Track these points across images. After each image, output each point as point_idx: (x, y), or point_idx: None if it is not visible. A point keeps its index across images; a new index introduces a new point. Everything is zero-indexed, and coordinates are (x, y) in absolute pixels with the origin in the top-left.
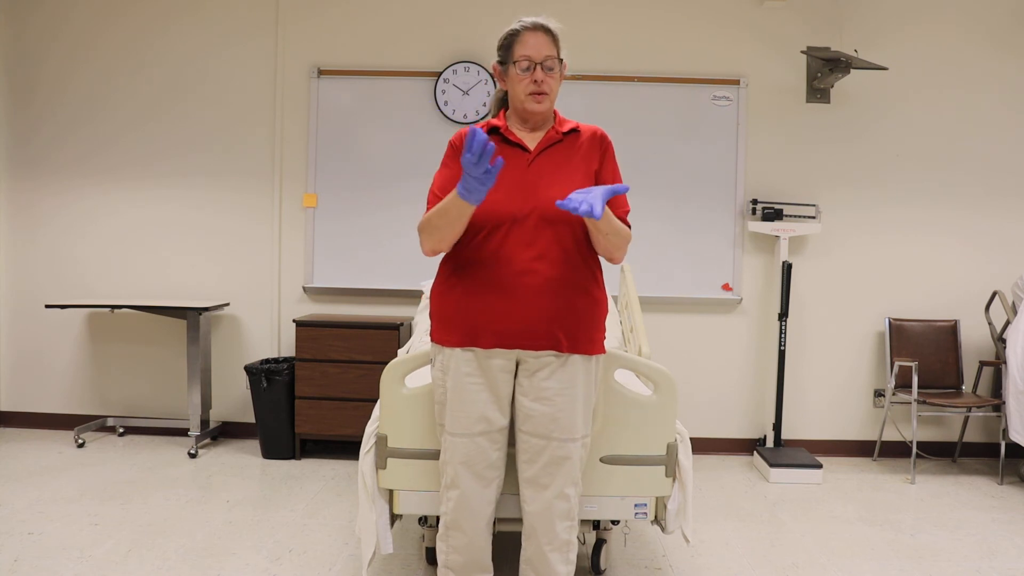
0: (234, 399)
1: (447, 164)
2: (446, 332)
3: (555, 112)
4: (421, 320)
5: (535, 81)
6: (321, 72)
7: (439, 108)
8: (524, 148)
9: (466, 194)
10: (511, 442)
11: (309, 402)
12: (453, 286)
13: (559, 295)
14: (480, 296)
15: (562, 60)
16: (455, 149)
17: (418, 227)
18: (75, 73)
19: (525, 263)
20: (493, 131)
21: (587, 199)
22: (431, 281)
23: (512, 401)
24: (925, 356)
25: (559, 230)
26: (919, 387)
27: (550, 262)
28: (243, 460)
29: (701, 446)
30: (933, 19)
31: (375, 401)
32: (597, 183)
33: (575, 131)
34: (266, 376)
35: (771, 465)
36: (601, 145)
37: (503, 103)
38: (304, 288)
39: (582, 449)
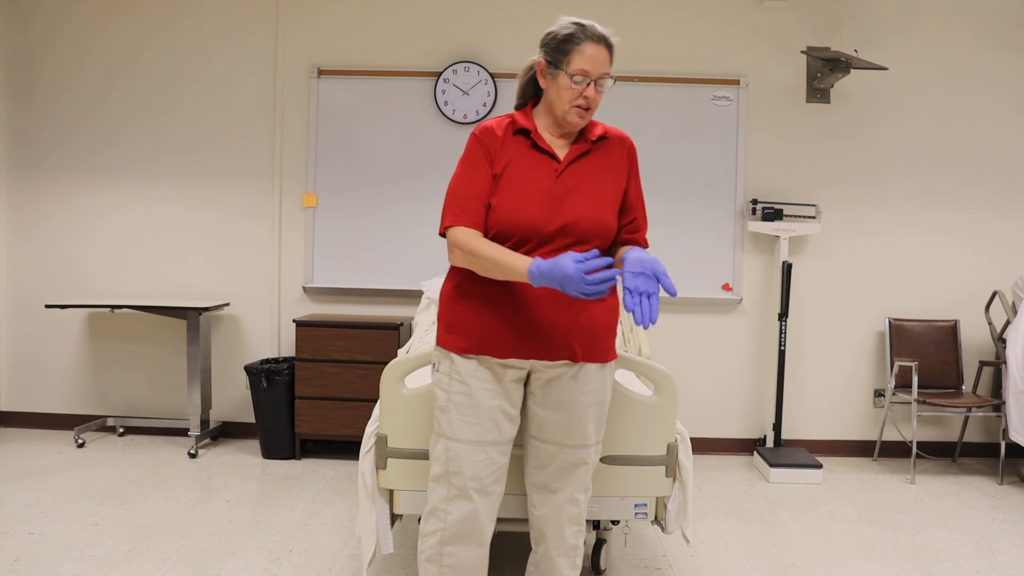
0: (234, 399)
1: (476, 164)
2: (459, 338)
3: None
4: (421, 320)
5: (585, 96)
6: (321, 72)
7: (439, 108)
8: (554, 156)
9: (537, 282)
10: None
11: (309, 402)
12: (469, 292)
13: (578, 308)
14: (499, 306)
15: (612, 77)
16: (483, 145)
17: (459, 244)
18: (75, 73)
19: None
20: (522, 132)
21: (648, 308)
22: (431, 281)
23: (522, 409)
24: (925, 356)
25: (582, 247)
26: (919, 387)
27: None
28: (243, 460)
29: (701, 446)
30: (933, 19)
31: (375, 401)
32: (625, 199)
33: (604, 137)
34: (266, 376)
35: (771, 465)
36: (629, 156)
37: (533, 92)
38: (304, 288)
39: (595, 454)
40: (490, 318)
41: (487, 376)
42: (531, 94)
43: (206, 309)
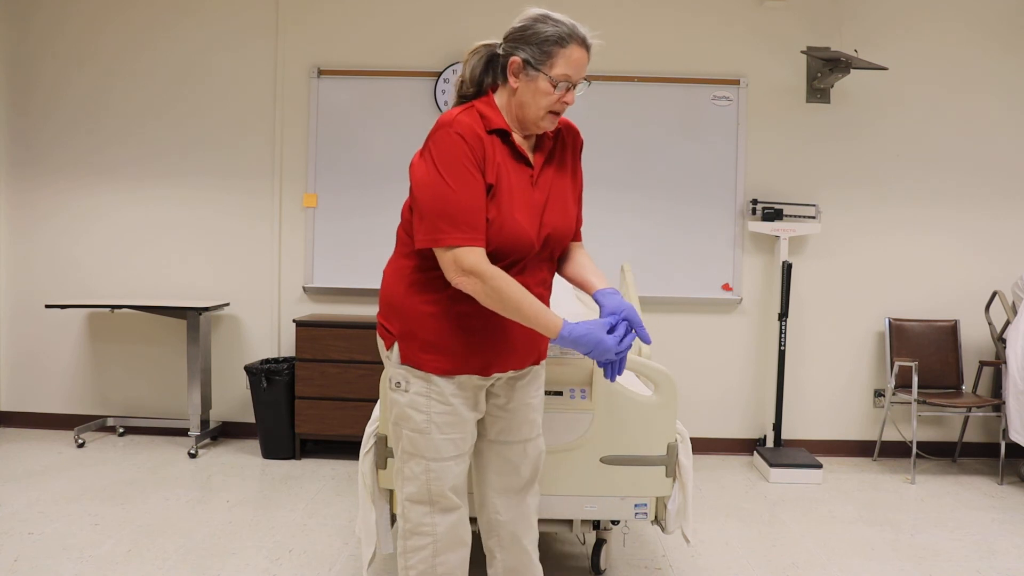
0: (234, 399)
1: (470, 171)
2: (441, 360)
3: None
4: None
5: (564, 102)
6: (321, 72)
7: (439, 108)
8: (527, 161)
9: (561, 343)
10: None
11: (309, 402)
12: (451, 312)
13: None
14: (481, 325)
15: (588, 80)
16: (472, 149)
17: (480, 274)
18: (76, 73)
19: (532, 289)
20: (496, 133)
21: (620, 365)
22: None
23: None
24: (925, 356)
25: (553, 257)
26: (919, 387)
27: (547, 286)
28: (243, 460)
29: (701, 446)
30: (933, 19)
31: (375, 401)
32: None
33: (558, 130)
34: (266, 376)
35: (771, 465)
36: (579, 149)
37: (492, 81)
38: (304, 288)
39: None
40: (475, 338)
41: (459, 389)
42: (487, 83)
43: (206, 309)
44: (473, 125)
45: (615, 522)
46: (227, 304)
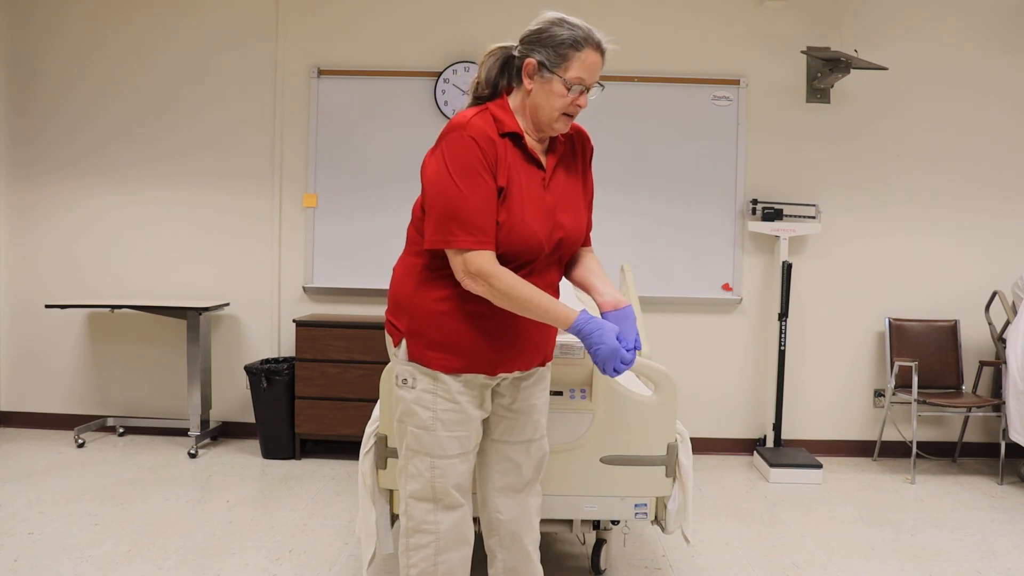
0: (234, 399)
1: (482, 175)
2: (449, 358)
3: None
4: None
5: (577, 105)
6: (321, 72)
7: (439, 108)
8: (539, 164)
9: (571, 331)
10: None
11: (309, 402)
12: (459, 311)
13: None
14: (490, 325)
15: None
16: (484, 153)
17: (488, 277)
18: (76, 73)
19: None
20: (509, 136)
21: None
22: None
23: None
24: (925, 356)
25: (562, 261)
26: (919, 387)
27: (554, 289)
28: (243, 460)
29: (701, 446)
30: (933, 19)
31: (375, 401)
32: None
33: (568, 135)
34: (266, 376)
35: (771, 465)
36: (589, 154)
37: (507, 83)
38: (304, 288)
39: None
40: (483, 338)
41: (466, 387)
42: (502, 86)
43: (206, 309)
44: (486, 128)
45: (615, 522)
46: (227, 304)
